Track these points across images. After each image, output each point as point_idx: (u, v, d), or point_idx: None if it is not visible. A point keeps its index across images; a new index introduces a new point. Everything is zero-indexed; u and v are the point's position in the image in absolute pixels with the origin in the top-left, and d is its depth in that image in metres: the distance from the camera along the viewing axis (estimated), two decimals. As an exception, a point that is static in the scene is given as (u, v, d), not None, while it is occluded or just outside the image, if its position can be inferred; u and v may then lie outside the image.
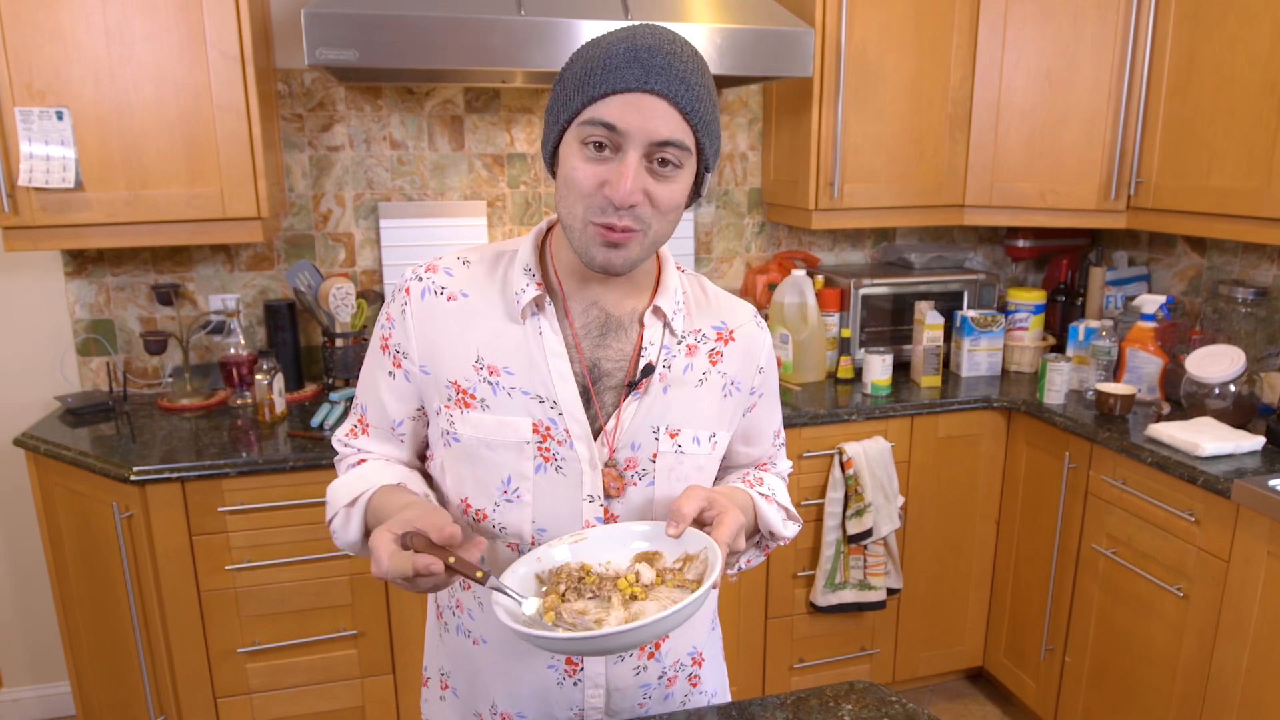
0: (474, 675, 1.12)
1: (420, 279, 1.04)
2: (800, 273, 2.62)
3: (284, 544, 2.07)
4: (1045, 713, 2.51)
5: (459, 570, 0.86)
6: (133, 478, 1.94)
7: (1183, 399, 2.31)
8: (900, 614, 2.64)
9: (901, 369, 2.77)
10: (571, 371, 1.01)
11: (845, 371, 2.67)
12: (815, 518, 2.46)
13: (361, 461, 1.10)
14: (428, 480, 1.13)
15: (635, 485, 1.04)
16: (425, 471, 1.15)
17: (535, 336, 1.01)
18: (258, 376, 2.24)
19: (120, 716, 2.23)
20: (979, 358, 2.74)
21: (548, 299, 1.02)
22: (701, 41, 2.16)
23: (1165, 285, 2.84)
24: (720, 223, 2.91)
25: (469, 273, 1.05)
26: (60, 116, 1.99)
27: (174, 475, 1.96)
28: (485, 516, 1.04)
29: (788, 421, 2.33)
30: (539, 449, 1.01)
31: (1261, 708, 1.86)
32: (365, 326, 2.50)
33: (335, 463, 1.16)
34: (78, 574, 2.16)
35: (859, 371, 2.70)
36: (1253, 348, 2.39)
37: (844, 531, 2.43)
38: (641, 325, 1.04)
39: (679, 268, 1.11)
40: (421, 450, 1.14)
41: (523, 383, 1.01)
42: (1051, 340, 2.86)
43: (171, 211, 2.11)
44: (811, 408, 2.42)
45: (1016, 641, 2.63)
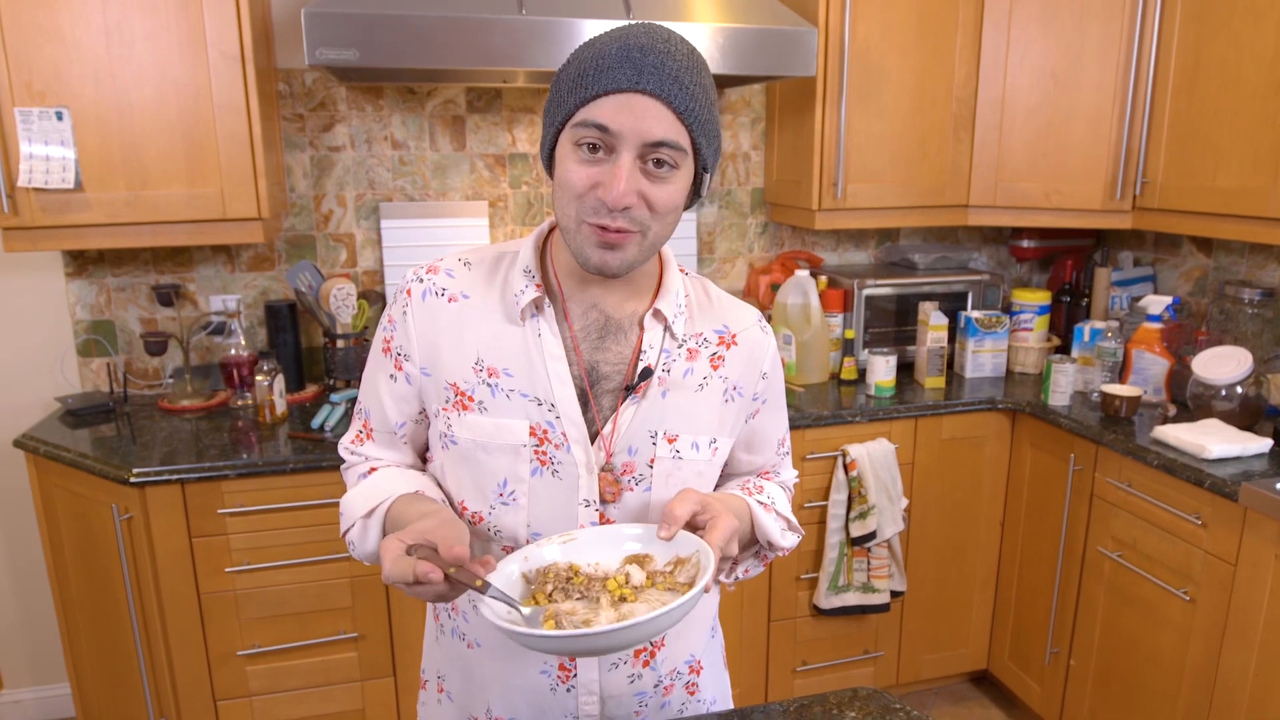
0: (468, 678, 1.12)
1: (421, 280, 1.04)
2: (803, 273, 2.61)
3: (284, 546, 2.07)
4: (1050, 716, 2.49)
5: (459, 580, 0.84)
6: (132, 479, 1.94)
7: (1189, 401, 2.29)
8: (904, 617, 2.63)
9: (905, 370, 2.76)
10: (570, 374, 1.00)
11: (849, 373, 2.65)
12: (818, 520, 2.44)
13: (373, 470, 1.08)
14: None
15: (632, 490, 1.02)
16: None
17: (534, 338, 1.00)
18: (258, 377, 2.24)
19: (120, 719, 2.22)
20: (983, 359, 2.72)
21: (547, 301, 1.01)
22: (704, 41, 2.15)
23: (1171, 286, 2.83)
24: (723, 223, 2.90)
25: (470, 274, 1.04)
26: (60, 117, 1.99)
27: (174, 477, 1.96)
28: (481, 519, 1.03)
29: (791, 423, 2.32)
30: (536, 452, 1.00)
31: (1269, 713, 1.84)
32: (366, 327, 2.49)
33: (342, 471, 1.14)
34: (77, 576, 2.16)
35: (863, 373, 2.69)
36: (1260, 349, 2.37)
37: (847, 534, 2.42)
38: (641, 328, 1.03)
39: (682, 270, 1.10)
40: (422, 454, 1.14)
41: (521, 385, 1.00)
42: (1056, 341, 2.85)
43: (172, 212, 2.10)
44: (815, 409, 2.40)
45: (1021, 644, 2.61)
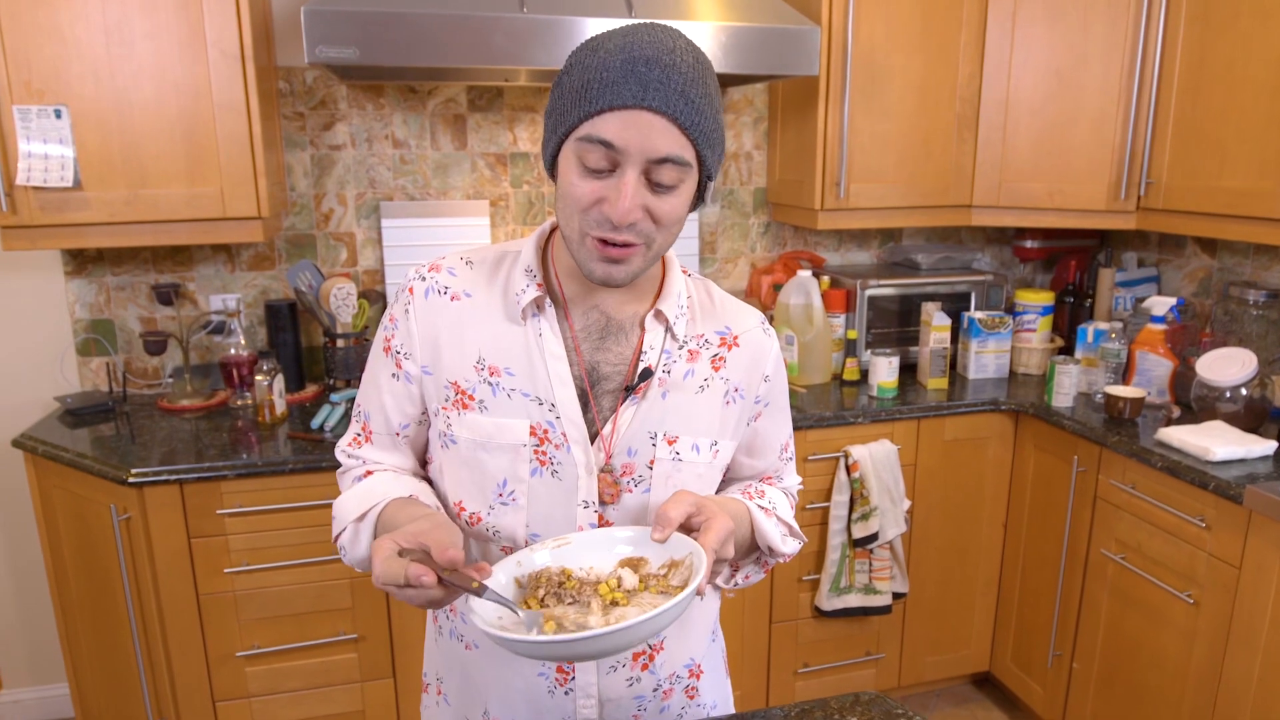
0: (467, 681, 1.11)
1: (424, 279, 1.03)
2: (806, 273, 2.60)
3: (283, 547, 2.06)
4: (1052, 719, 2.48)
5: (454, 583, 0.83)
6: (130, 480, 1.93)
7: (1193, 402, 2.27)
8: (906, 618, 2.61)
9: (908, 371, 2.75)
10: (570, 374, 1.00)
11: (851, 373, 2.64)
12: (820, 521, 2.43)
13: (368, 474, 1.07)
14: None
15: (631, 492, 1.02)
16: (430, 479, 1.13)
17: (535, 338, 1.00)
18: (258, 377, 2.23)
19: (120, 719, 2.22)
20: (986, 360, 2.71)
21: (548, 300, 1.01)
22: (707, 40, 2.14)
23: (1175, 287, 2.81)
24: (725, 223, 2.89)
25: (472, 273, 1.04)
26: (59, 115, 1.98)
27: (172, 477, 1.95)
28: (480, 519, 1.02)
29: (793, 424, 2.30)
30: (535, 452, 0.99)
31: (1273, 717, 1.83)
32: (367, 327, 2.48)
33: (338, 475, 1.12)
34: (76, 576, 2.15)
35: (865, 373, 2.68)
36: (1264, 350, 2.35)
37: (849, 535, 2.41)
38: (642, 329, 1.03)
39: (685, 272, 1.10)
40: (423, 456, 1.12)
41: (522, 384, 0.99)
42: (1060, 342, 2.83)
43: (171, 211, 2.09)
44: (817, 410, 2.39)
45: (1024, 647, 2.60)
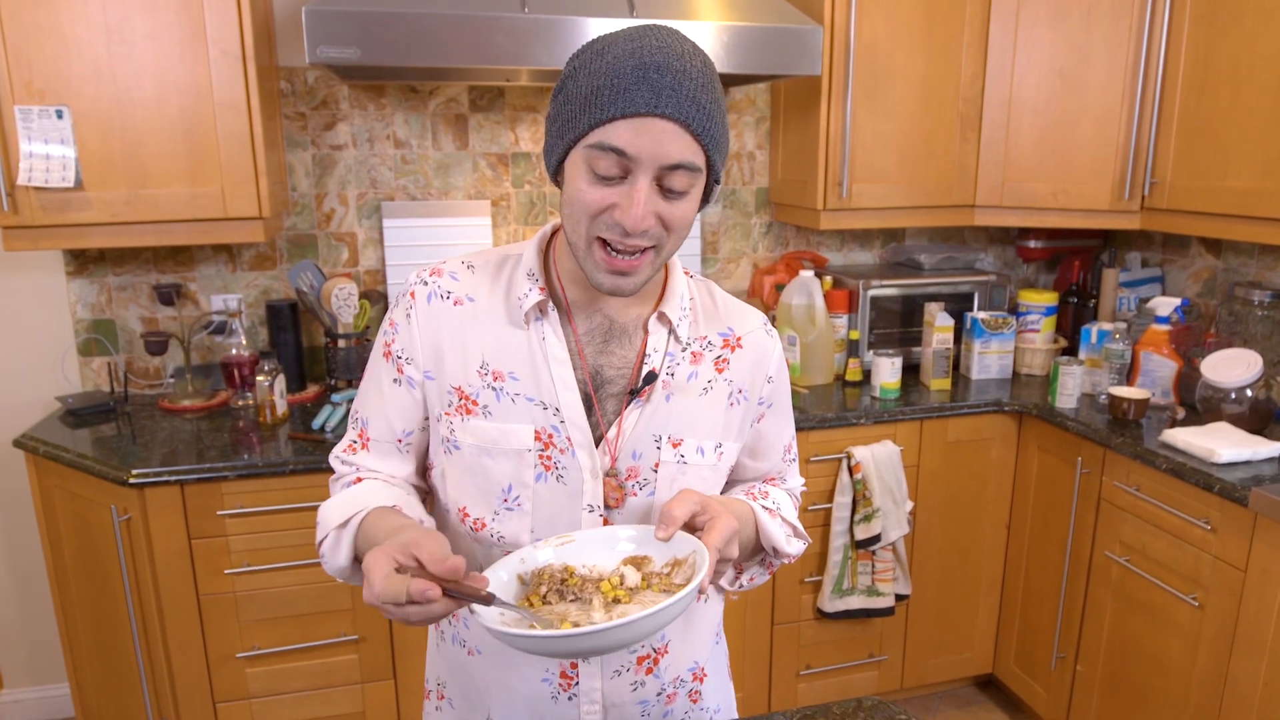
0: (469, 686, 1.10)
1: (425, 283, 1.02)
2: (808, 274, 2.59)
3: (284, 548, 2.05)
4: (1056, 721, 2.47)
5: (460, 594, 0.80)
6: (131, 480, 1.92)
7: (1198, 404, 2.26)
8: (909, 620, 2.60)
9: (911, 371, 2.74)
10: (574, 378, 0.99)
11: (853, 374, 2.63)
12: (823, 522, 2.42)
13: (358, 480, 1.05)
14: (425, 500, 1.09)
15: (636, 495, 1.01)
16: (425, 489, 1.11)
17: (538, 342, 0.99)
18: (259, 378, 2.22)
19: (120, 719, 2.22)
20: (989, 360, 2.70)
21: (551, 304, 1.00)
22: (709, 40, 2.13)
23: (1179, 287, 2.80)
24: (727, 223, 2.88)
25: (474, 277, 1.03)
26: (60, 115, 1.97)
27: (172, 478, 1.94)
28: (484, 525, 1.01)
29: (795, 425, 2.29)
30: (540, 457, 0.99)
31: (1279, 720, 1.82)
32: (368, 327, 2.47)
33: (331, 482, 1.10)
34: (77, 577, 2.14)
35: (867, 374, 2.67)
36: (1269, 351, 2.34)
37: (852, 537, 2.40)
38: (646, 332, 1.02)
39: (688, 273, 1.09)
40: (424, 462, 1.11)
41: (526, 389, 0.99)
42: (1063, 343, 2.82)
43: (172, 211, 2.09)
44: (819, 411, 2.38)
45: (1027, 649, 2.59)
